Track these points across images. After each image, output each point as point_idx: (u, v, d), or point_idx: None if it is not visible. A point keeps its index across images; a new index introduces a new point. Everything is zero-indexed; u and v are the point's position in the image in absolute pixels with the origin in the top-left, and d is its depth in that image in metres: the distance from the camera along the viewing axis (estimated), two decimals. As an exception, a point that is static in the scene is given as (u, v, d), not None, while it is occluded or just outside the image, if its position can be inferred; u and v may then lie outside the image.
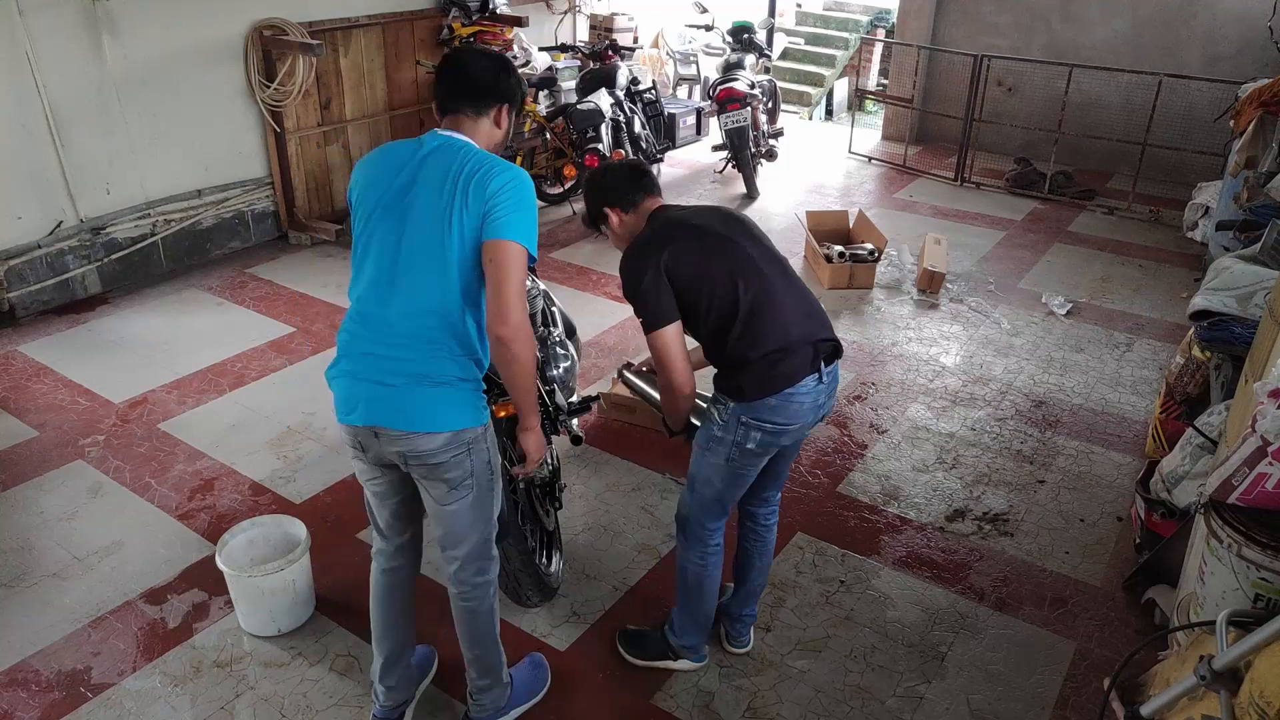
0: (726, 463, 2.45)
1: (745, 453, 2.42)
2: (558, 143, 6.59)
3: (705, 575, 2.65)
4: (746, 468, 2.48)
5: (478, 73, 2.21)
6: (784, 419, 2.38)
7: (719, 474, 2.48)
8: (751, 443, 2.40)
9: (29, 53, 4.58)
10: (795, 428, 2.42)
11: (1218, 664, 1.93)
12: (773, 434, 2.40)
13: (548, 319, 3.81)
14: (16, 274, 4.79)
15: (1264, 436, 2.18)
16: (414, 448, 2.12)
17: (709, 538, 2.61)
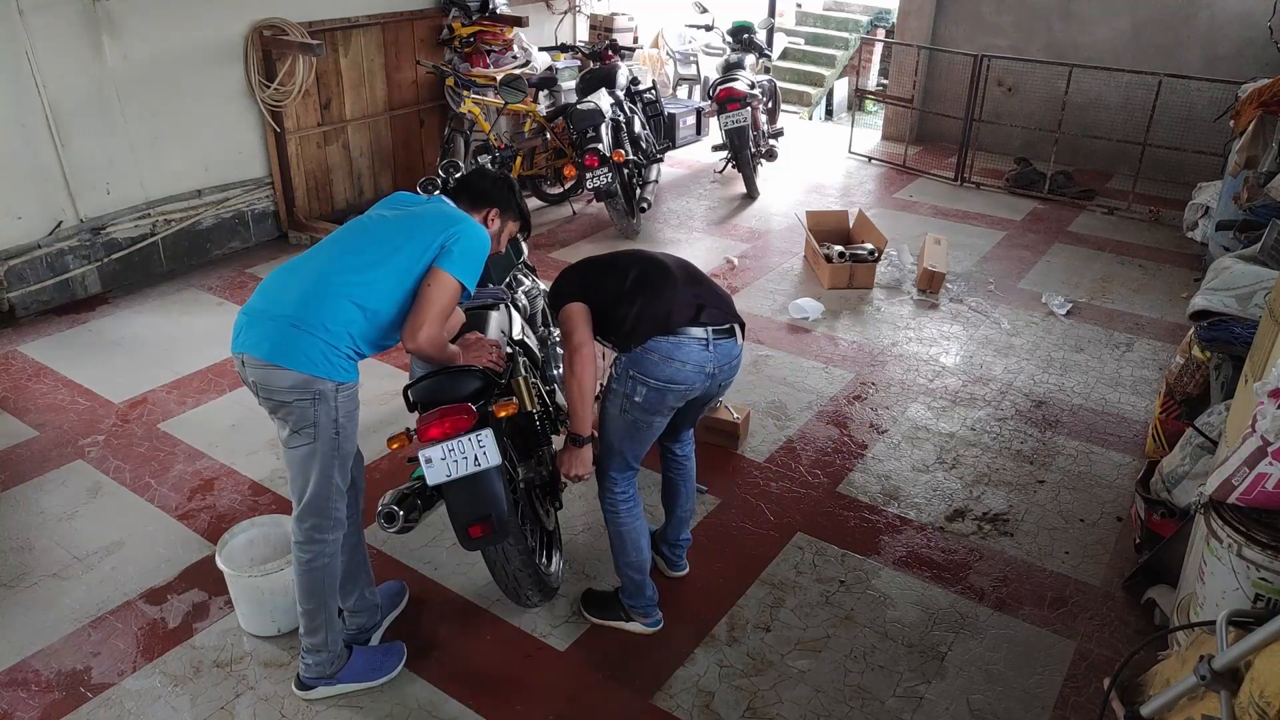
0: (620, 414, 2.68)
1: (635, 405, 2.64)
2: (558, 143, 6.59)
3: (623, 526, 2.82)
4: (639, 424, 2.68)
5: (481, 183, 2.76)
6: (666, 377, 2.60)
7: (616, 426, 2.71)
8: (639, 396, 2.62)
9: (29, 53, 4.58)
10: (680, 388, 2.63)
11: (1218, 664, 1.93)
12: (657, 391, 2.61)
13: (548, 319, 3.82)
14: (16, 274, 4.79)
15: (1264, 436, 2.18)
16: (266, 379, 2.31)
17: (614, 486, 2.81)
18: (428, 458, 2.51)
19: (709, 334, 2.64)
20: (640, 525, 2.85)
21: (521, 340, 3.11)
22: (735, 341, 2.72)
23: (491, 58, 6.81)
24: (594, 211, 6.78)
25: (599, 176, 5.78)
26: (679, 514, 3.07)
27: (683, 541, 3.13)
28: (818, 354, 4.76)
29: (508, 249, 3.53)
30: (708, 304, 2.68)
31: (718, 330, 2.66)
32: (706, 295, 2.72)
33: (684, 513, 3.08)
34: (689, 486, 3.07)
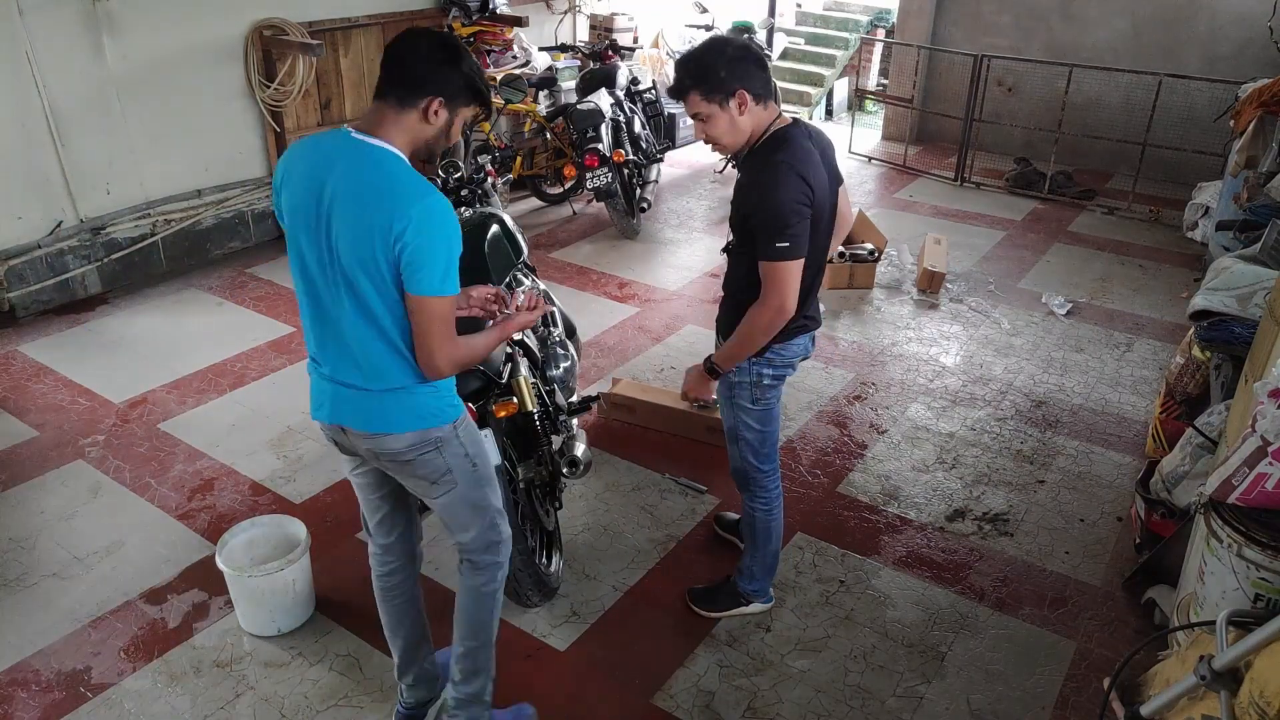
0: (754, 403, 2.67)
1: (763, 388, 2.65)
2: (558, 143, 6.59)
3: (771, 520, 2.87)
4: (770, 401, 2.69)
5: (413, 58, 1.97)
6: (789, 355, 2.64)
7: (753, 416, 2.70)
8: (765, 379, 2.63)
9: (29, 53, 4.58)
10: (796, 360, 2.69)
11: (1218, 664, 1.93)
12: (782, 365, 2.64)
13: (548, 319, 3.81)
14: (16, 274, 4.79)
15: (1264, 436, 2.18)
16: (381, 447, 2.12)
17: (766, 481, 2.82)
18: (428, 458, 2.50)
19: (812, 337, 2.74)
20: (781, 519, 2.93)
21: (521, 340, 3.11)
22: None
23: (491, 58, 6.80)
24: (594, 211, 6.78)
25: (599, 176, 5.78)
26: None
27: None
28: (817, 354, 4.76)
29: (506, 248, 3.52)
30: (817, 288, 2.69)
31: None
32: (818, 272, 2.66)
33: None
34: None
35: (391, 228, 1.88)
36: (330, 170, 1.94)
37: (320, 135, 2.04)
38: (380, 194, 1.90)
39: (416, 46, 1.98)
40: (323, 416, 2.16)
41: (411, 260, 1.90)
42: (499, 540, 2.35)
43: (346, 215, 1.91)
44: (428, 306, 1.95)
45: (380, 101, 1.99)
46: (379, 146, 1.96)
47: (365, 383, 2.06)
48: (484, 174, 3.89)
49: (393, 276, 1.94)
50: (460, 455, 2.19)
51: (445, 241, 1.94)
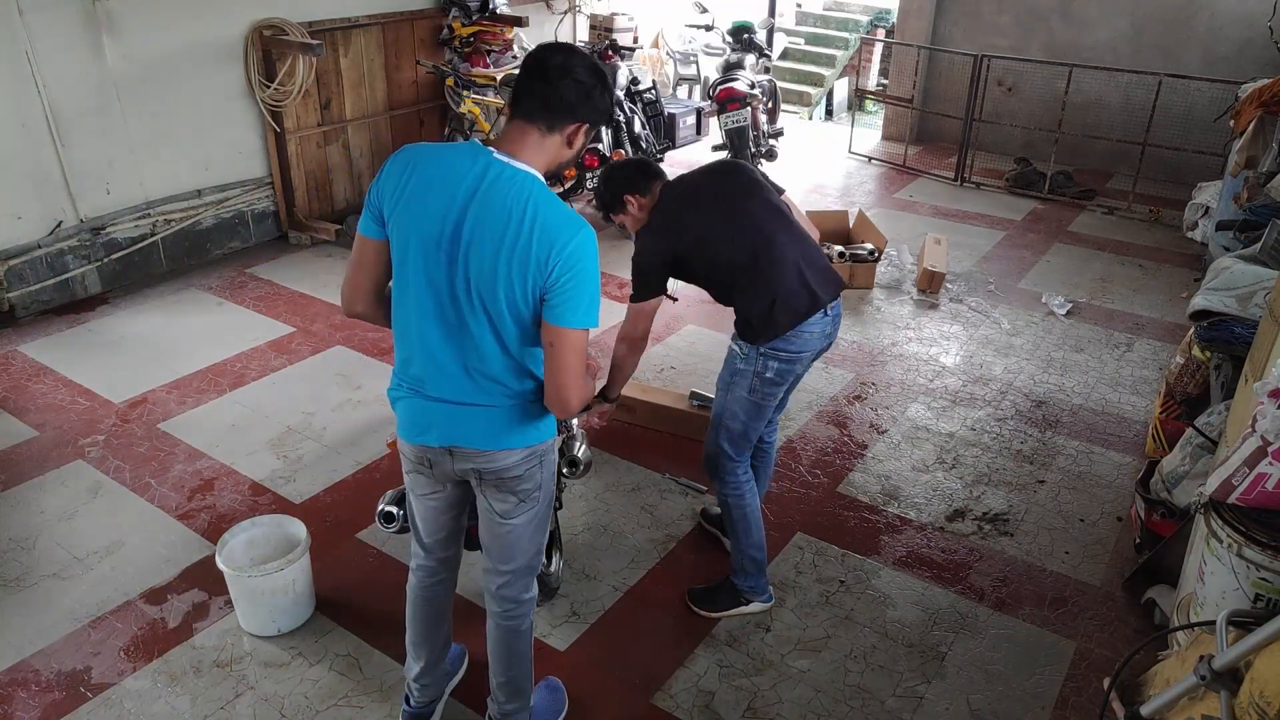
0: (749, 394, 2.77)
1: (765, 381, 2.74)
2: (558, 143, 6.58)
3: (745, 506, 2.92)
4: (766, 398, 2.78)
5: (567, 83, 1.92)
6: (796, 348, 2.71)
7: (743, 407, 2.80)
8: (770, 371, 2.72)
9: (29, 53, 4.58)
10: (807, 355, 2.76)
11: (1218, 664, 1.93)
12: (789, 362, 2.72)
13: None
14: (16, 274, 4.79)
15: (1264, 436, 2.18)
16: (491, 464, 2.09)
17: (737, 469, 2.90)
18: (428, 458, 2.50)
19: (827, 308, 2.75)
20: (758, 503, 2.98)
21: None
22: (840, 303, 2.83)
23: (491, 58, 6.80)
24: (594, 212, 6.78)
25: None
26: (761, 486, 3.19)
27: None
28: (818, 354, 4.76)
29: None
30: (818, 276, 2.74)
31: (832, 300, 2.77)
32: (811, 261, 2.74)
33: (762, 491, 3.20)
34: (768, 468, 3.22)
35: (547, 261, 1.87)
36: (472, 191, 1.90)
37: (451, 149, 1.96)
38: (534, 225, 1.87)
39: (570, 70, 1.92)
40: (429, 440, 2.10)
41: (562, 292, 1.89)
42: (536, 569, 2.35)
43: (494, 241, 1.88)
44: (570, 339, 1.94)
45: (525, 123, 1.94)
46: (526, 172, 1.93)
47: (487, 399, 2.04)
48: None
49: (534, 307, 1.93)
50: (551, 472, 2.22)
51: (595, 276, 1.94)
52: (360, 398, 4.23)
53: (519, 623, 2.35)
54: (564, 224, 1.90)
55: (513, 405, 2.06)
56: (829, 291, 2.75)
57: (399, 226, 1.95)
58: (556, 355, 1.95)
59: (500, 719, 2.46)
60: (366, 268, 2.05)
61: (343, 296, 2.13)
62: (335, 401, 4.20)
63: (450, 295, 1.95)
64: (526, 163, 1.93)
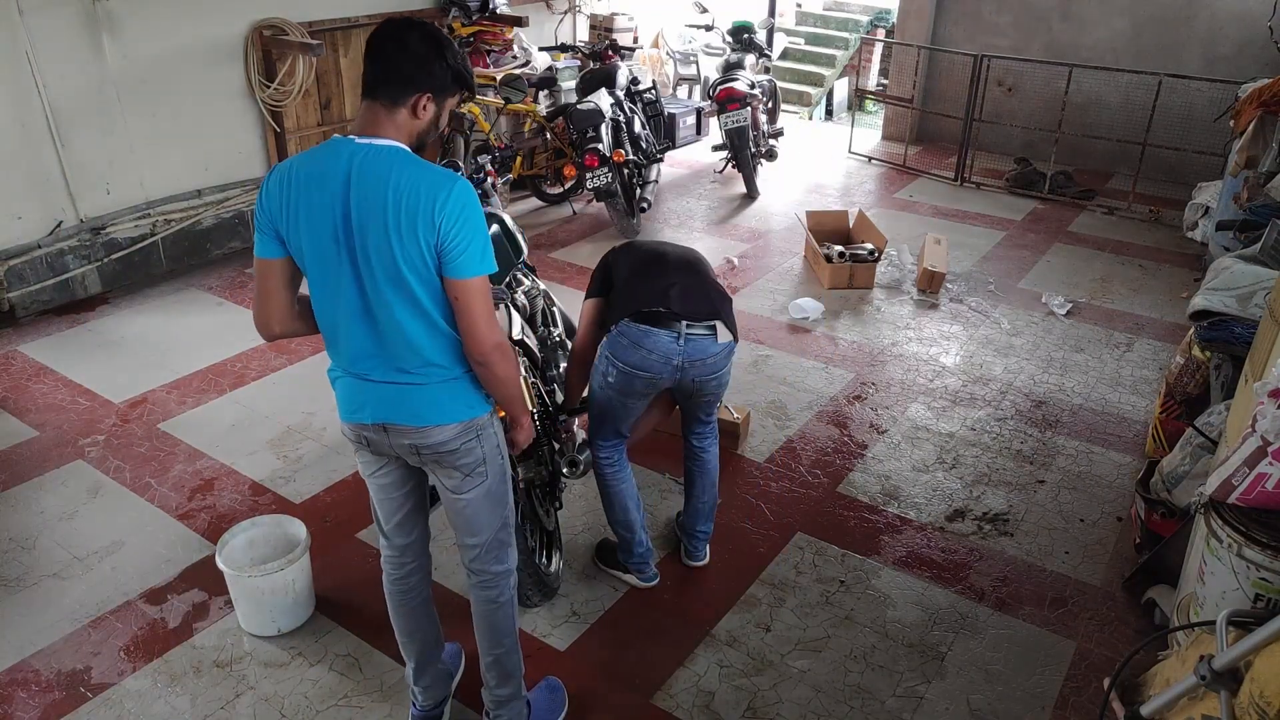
0: (599, 389, 2.88)
1: (608, 384, 2.83)
2: (558, 143, 6.59)
3: (609, 488, 3.01)
4: (613, 400, 2.85)
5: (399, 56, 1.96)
6: (632, 362, 2.75)
7: (598, 399, 2.91)
8: (611, 375, 2.80)
9: (29, 53, 4.58)
10: (645, 375, 2.76)
11: (1218, 664, 1.93)
12: (625, 375, 2.77)
13: (548, 319, 3.81)
14: (16, 274, 4.79)
15: (1264, 436, 2.18)
16: (426, 440, 2.13)
17: (600, 453, 2.99)
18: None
19: (681, 326, 2.73)
20: (625, 489, 3.01)
21: (521, 340, 3.11)
22: (713, 339, 2.78)
23: (491, 58, 6.81)
24: (594, 211, 6.78)
25: (599, 176, 5.78)
26: (694, 504, 3.15)
27: (699, 532, 3.20)
28: (818, 354, 4.76)
29: (506, 248, 3.52)
30: (691, 297, 2.78)
31: (693, 325, 2.75)
32: (693, 289, 2.81)
33: (700, 504, 3.14)
34: (705, 479, 3.13)
35: (432, 218, 1.92)
36: (346, 179, 1.94)
37: (318, 151, 2.00)
38: (411, 190, 1.92)
39: (403, 42, 1.97)
40: (363, 418, 2.16)
41: (454, 245, 1.95)
42: (509, 543, 2.37)
43: (382, 218, 1.92)
44: (473, 287, 1.99)
45: (371, 101, 1.99)
46: (388, 146, 1.97)
47: (417, 378, 2.09)
48: (484, 174, 3.89)
49: (435, 266, 1.97)
50: (494, 445, 2.24)
51: (481, 223, 1.98)
52: (360, 398, 4.23)
53: (496, 593, 2.38)
54: (437, 181, 1.93)
55: (444, 382, 2.11)
56: (688, 308, 2.75)
57: (294, 237, 2.00)
58: (464, 306, 1.99)
59: (494, 708, 2.46)
60: (276, 289, 2.09)
61: (257, 324, 2.15)
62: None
63: (359, 287, 2.00)
64: (386, 138, 1.98)
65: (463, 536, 2.33)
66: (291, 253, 2.04)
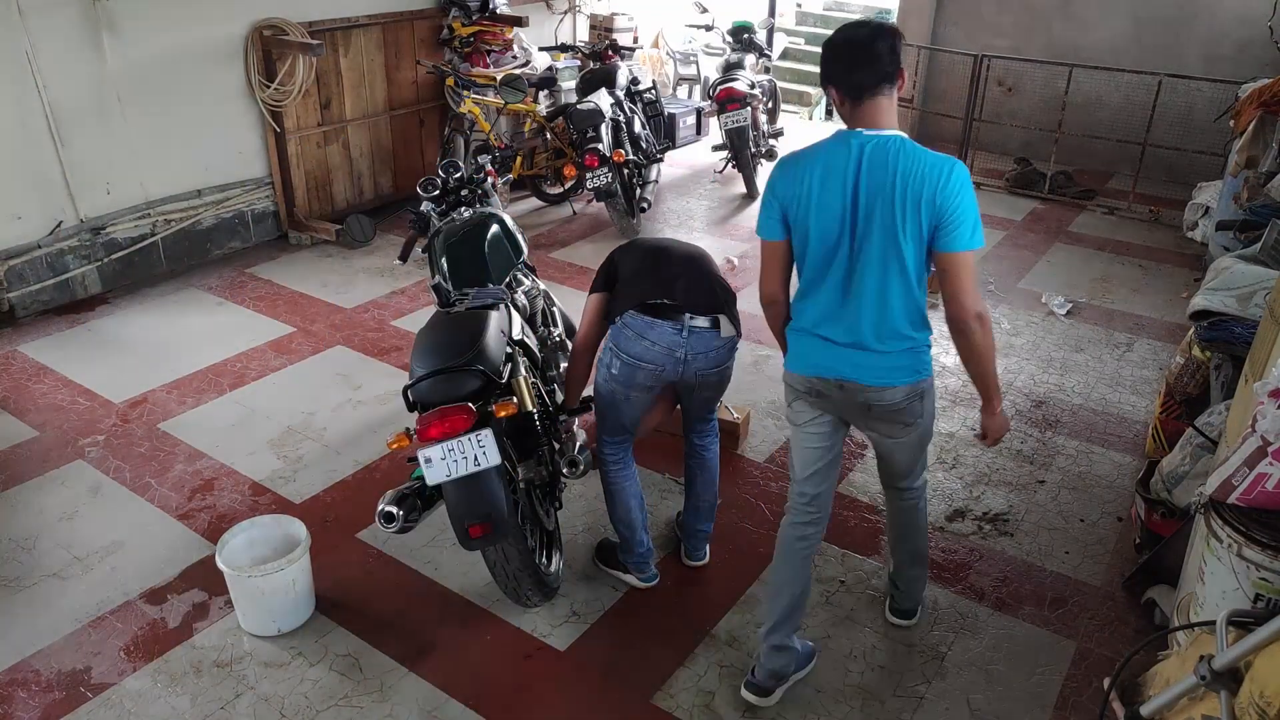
0: (604, 383, 2.90)
1: (612, 377, 2.85)
2: (558, 143, 6.58)
3: (612, 486, 3.03)
4: (616, 394, 2.88)
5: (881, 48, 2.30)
6: (636, 354, 2.77)
7: (602, 393, 2.93)
8: (615, 367, 2.82)
9: (29, 53, 4.58)
10: (649, 367, 2.78)
11: (1218, 664, 1.93)
12: (629, 366, 2.79)
13: (548, 319, 3.82)
14: (16, 274, 4.79)
15: (1264, 436, 2.18)
16: (880, 399, 2.43)
17: (605, 449, 3.02)
18: (427, 457, 2.51)
19: (685, 319, 2.75)
20: (629, 487, 3.03)
21: (521, 340, 3.11)
22: (716, 333, 2.79)
23: (491, 58, 6.80)
24: (594, 211, 6.78)
25: (599, 176, 5.78)
26: (694, 502, 3.16)
27: (699, 531, 3.20)
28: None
29: (506, 248, 3.52)
30: (695, 291, 2.80)
31: (696, 317, 2.76)
32: (697, 283, 2.83)
33: (700, 502, 3.15)
34: (706, 477, 3.13)
35: (934, 199, 2.23)
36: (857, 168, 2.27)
37: (826, 144, 2.34)
38: (916, 173, 2.24)
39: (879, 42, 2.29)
40: (822, 373, 2.44)
41: (950, 222, 2.24)
42: (925, 464, 2.76)
43: (886, 201, 2.24)
44: (964, 260, 2.29)
45: (872, 99, 2.31)
46: (892, 135, 2.30)
47: (882, 346, 2.38)
48: (484, 174, 3.89)
49: (928, 241, 2.28)
50: (932, 401, 2.57)
51: (973, 202, 2.29)
52: (360, 398, 4.23)
53: (919, 503, 2.79)
54: (938, 165, 2.26)
55: (903, 351, 2.40)
56: (692, 300, 2.77)
57: (801, 218, 2.34)
58: (955, 276, 2.29)
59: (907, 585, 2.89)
60: (778, 267, 2.47)
61: (762, 292, 2.54)
62: (335, 401, 4.20)
63: (850, 261, 2.32)
64: (890, 129, 2.32)
65: (894, 475, 2.72)
66: (794, 232, 2.39)
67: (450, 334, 2.82)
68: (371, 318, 5.04)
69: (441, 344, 2.75)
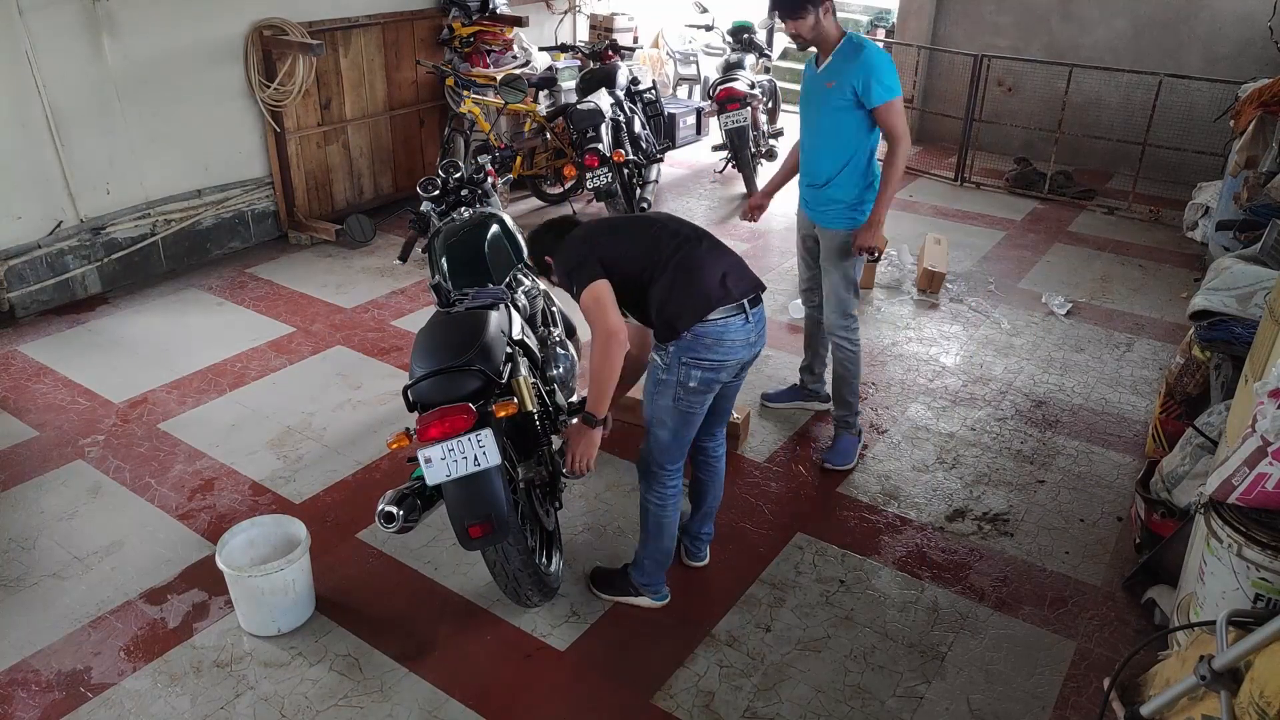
0: (674, 403, 2.72)
1: (689, 390, 2.69)
2: (558, 143, 6.59)
3: (664, 515, 2.89)
4: (693, 406, 2.73)
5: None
6: (719, 355, 2.65)
7: (670, 415, 2.74)
8: (693, 380, 2.67)
9: (29, 53, 4.58)
10: (731, 363, 2.70)
11: (1218, 664, 1.93)
12: (711, 370, 2.67)
13: (548, 319, 3.82)
14: (16, 274, 4.79)
15: (1264, 436, 2.18)
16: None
17: (666, 479, 2.86)
18: (427, 457, 2.51)
19: (746, 306, 2.70)
20: (677, 517, 2.95)
21: (521, 340, 3.11)
22: (762, 305, 2.79)
23: (491, 58, 6.80)
24: (594, 211, 6.78)
25: (599, 176, 5.78)
26: (705, 509, 3.13)
27: (704, 535, 3.20)
28: (818, 354, 4.75)
29: (506, 248, 3.52)
30: (737, 276, 2.73)
31: (751, 300, 2.73)
32: (734, 267, 2.76)
33: (709, 508, 3.14)
34: (718, 482, 3.11)
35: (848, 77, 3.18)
36: None
37: None
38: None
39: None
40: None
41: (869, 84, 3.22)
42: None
43: None
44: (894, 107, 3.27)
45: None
46: None
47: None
48: (484, 174, 3.89)
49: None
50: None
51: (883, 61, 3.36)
52: (360, 398, 4.23)
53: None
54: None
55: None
56: (743, 288, 2.72)
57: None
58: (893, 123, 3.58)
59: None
60: None
61: None
62: (335, 401, 4.20)
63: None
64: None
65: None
66: None
67: (450, 334, 2.82)
68: (371, 318, 5.04)
69: (441, 344, 2.75)
